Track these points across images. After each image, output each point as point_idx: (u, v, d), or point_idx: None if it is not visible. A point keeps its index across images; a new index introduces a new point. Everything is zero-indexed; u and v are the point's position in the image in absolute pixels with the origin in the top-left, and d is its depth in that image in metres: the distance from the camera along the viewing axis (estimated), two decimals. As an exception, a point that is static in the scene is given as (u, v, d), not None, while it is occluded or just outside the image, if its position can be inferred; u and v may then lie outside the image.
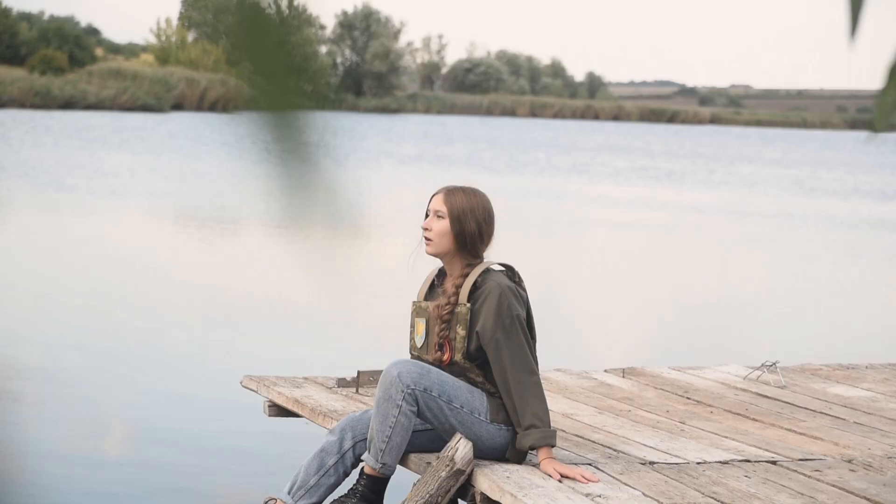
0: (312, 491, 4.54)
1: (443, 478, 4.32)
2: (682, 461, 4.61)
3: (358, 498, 4.48)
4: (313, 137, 0.83)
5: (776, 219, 26.00)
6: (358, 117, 74.46)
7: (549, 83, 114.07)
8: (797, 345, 11.99)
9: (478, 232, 4.50)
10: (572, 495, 4.10)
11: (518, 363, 4.37)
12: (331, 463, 4.54)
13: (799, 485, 4.37)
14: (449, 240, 4.50)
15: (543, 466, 4.32)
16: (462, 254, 4.51)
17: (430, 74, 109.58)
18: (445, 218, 4.51)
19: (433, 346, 4.52)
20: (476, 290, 4.45)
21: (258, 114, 0.81)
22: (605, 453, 4.68)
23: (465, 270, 4.50)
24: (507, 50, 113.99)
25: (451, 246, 4.50)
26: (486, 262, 4.53)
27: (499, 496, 4.20)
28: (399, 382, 4.38)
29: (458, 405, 4.43)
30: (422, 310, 4.58)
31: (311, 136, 0.83)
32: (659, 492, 4.19)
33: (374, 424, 4.43)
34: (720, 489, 4.26)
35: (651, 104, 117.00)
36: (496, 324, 4.38)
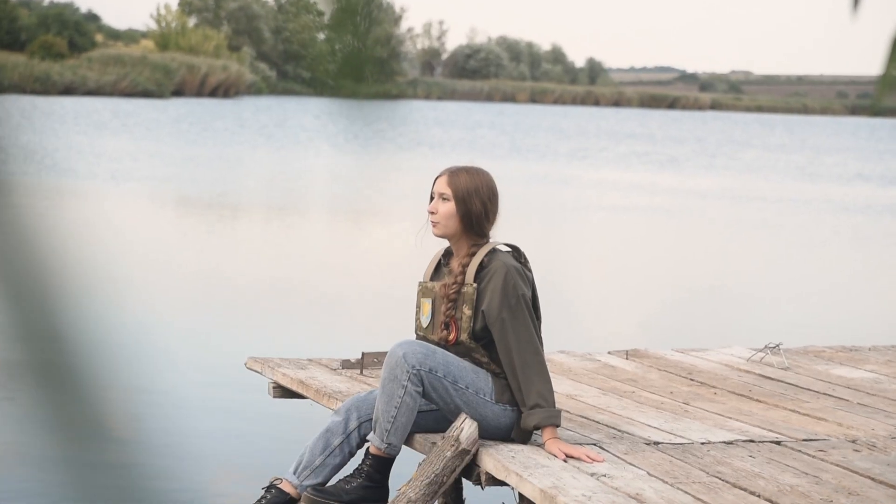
0: (318, 471, 4.55)
1: (448, 458, 4.33)
2: (686, 441, 4.62)
3: (363, 478, 4.49)
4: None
5: (778, 203, 26.00)
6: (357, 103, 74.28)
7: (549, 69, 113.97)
8: (801, 327, 12.00)
9: (483, 211, 4.50)
10: (577, 475, 4.11)
11: (523, 343, 4.38)
12: (336, 443, 4.55)
13: (803, 464, 4.38)
14: (455, 221, 4.51)
15: (548, 446, 4.33)
16: (468, 234, 4.52)
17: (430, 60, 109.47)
18: (451, 200, 4.51)
19: (439, 326, 4.53)
20: (482, 270, 4.46)
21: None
22: (609, 434, 4.69)
23: (471, 250, 4.51)
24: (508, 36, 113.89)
25: (457, 227, 4.51)
26: (492, 242, 4.54)
27: (504, 476, 4.21)
28: (404, 363, 4.39)
29: (463, 385, 4.44)
30: (428, 290, 4.59)
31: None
32: (663, 471, 4.20)
33: (379, 405, 4.44)
34: (724, 469, 4.27)
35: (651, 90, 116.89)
36: (502, 303, 4.38)
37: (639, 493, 3.94)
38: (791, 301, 14.22)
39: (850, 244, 20.29)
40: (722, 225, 21.76)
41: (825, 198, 27.90)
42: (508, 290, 4.39)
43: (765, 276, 16.30)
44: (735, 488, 4.06)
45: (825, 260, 18.38)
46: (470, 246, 4.53)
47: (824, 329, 12.01)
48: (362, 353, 5.61)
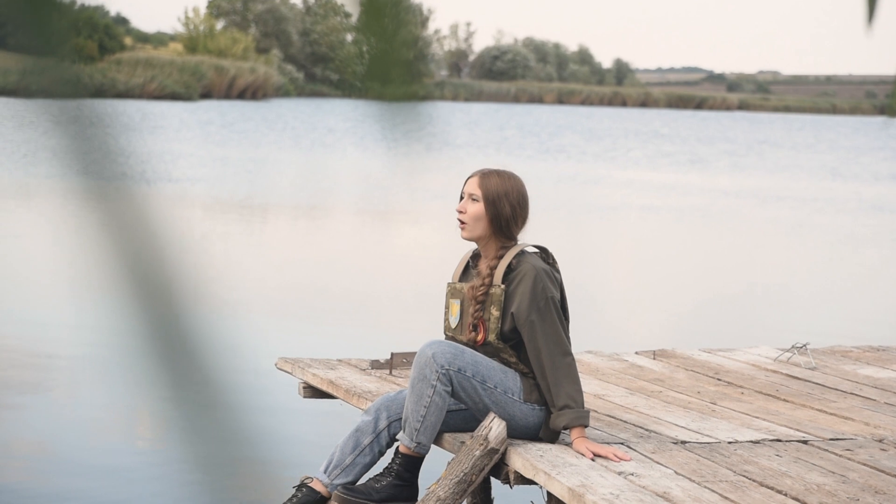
0: (348, 470, 4.60)
1: (477, 457, 4.38)
2: (713, 441, 4.65)
3: (393, 476, 4.54)
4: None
5: (807, 203, 25.93)
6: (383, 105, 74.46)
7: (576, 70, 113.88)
8: (828, 327, 11.99)
9: (512, 215, 4.54)
10: (605, 473, 4.15)
11: (552, 344, 4.42)
12: (366, 442, 4.60)
13: (830, 464, 4.40)
14: (484, 223, 4.54)
15: (576, 445, 4.37)
16: (497, 236, 4.56)
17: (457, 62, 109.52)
18: (480, 201, 4.55)
19: (467, 327, 4.57)
20: (511, 272, 4.50)
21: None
22: (636, 433, 4.73)
23: (499, 252, 4.55)
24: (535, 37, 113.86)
25: (486, 229, 4.55)
26: (520, 244, 4.58)
27: (532, 475, 4.25)
28: (434, 363, 4.44)
29: (491, 385, 4.49)
30: (456, 291, 4.63)
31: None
32: (691, 470, 4.24)
33: (408, 404, 4.48)
34: (751, 468, 4.30)
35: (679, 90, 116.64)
36: (531, 306, 4.42)
37: (666, 491, 3.98)
38: (819, 300, 14.21)
39: (878, 244, 20.23)
40: (750, 225, 21.73)
41: (854, 197, 27.82)
42: (537, 292, 4.43)
43: (793, 276, 16.28)
44: (762, 487, 4.09)
45: (853, 260, 18.33)
46: (498, 248, 4.57)
47: (852, 329, 12.00)
48: (391, 354, 5.66)
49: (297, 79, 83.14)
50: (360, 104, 68.61)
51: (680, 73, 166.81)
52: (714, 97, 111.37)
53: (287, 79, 79.17)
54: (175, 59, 66.69)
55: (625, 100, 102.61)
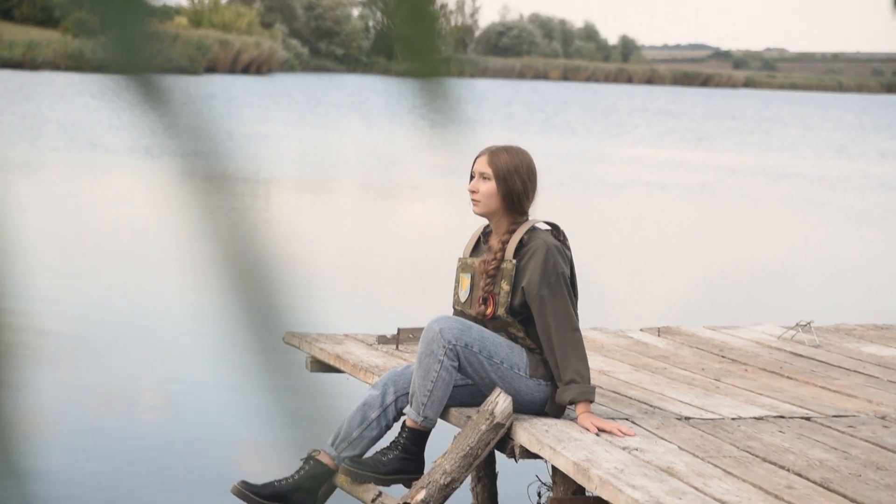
0: (355, 443, 4.65)
1: (483, 431, 4.42)
2: (717, 417, 4.70)
3: (400, 450, 4.59)
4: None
5: (813, 181, 25.94)
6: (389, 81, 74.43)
7: (581, 46, 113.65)
8: (832, 305, 12.03)
9: (524, 190, 4.58)
10: (610, 448, 4.19)
11: (561, 320, 4.46)
12: (373, 416, 4.65)
13: (832, 440, 4.44)
14: (496, 200, 4.58)
15: (581, 420, 4.41)
16: (509, 212, 4.60)
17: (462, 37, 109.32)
18: (491, 179, 4.59)
19: (477, 301, 4.61)
20: (522, 248, 4.55)
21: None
22: (641, 409, 4.77)
23: (511, 227, 4.59)
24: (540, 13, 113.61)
25: (498, 205, 4.59)
26: (532, 220, 4.62)
27: (538, 449, 4.29)
28: (441, 338, 4.48)
29: (498, 360, 4.53)
30: (467, 265, 4.68)
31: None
32: (694, 445, 4.28)
33: (415, 379, 4.52)
34: (755, 444, 4.34)
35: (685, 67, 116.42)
36: (542, 281, 4.46)
37: (670, 466, 4.02)
38: (824, 279, 14.24)
39: (884, 222, 20.25)
40: (756, 202, 21.74)
41: (860, 175, 27.81)
42: (548, 267, 4.47)
43: (798, 254, 16.31)
44: (765, 462, 4.13)
45: (858, 238, 18.36)
46: (510, 223, 4.61)
47: (856, 307, 12.03)
48: (398, 329, 5.70)
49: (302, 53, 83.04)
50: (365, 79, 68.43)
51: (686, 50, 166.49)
52: (720, 74, 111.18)
53: (292, 53, 79.09)
54: (180, 32, 66.59)
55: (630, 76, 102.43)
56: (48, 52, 58.30)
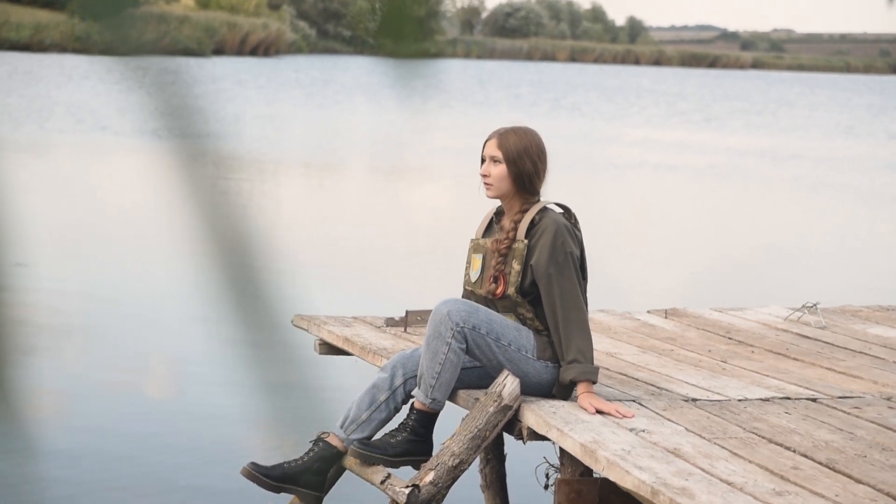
0: (364, 425, 4.68)
1: (490, 413, 4.45)
2: (723, 398, 4.72)
3: (408, 432, 4.62)
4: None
5: (821, 162, 25.92)
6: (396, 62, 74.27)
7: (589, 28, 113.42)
8: (838, 287, 12.05)
9: (534, 170, 4.62)
10: (617, 430, 4.22)
11: (567, 299, 4.49)
12: (382, 398, 4.68)
13: (838, 421, 4.47)
14: (508, 182, 4.63)
15: (580, 401, 4.44)
16: (520, 193, 4.64)
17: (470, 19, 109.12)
18: (502, 162, 4.63)
19: (488, 280, 4.64)
20: (533, 227, 4.58)
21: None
22: (648, 390, 4.80)
23: (523, 208, 4.63)
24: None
25: (510, 188, 4.63)
26: (543, 201, 4.66)
27: (545, 431, 4.32)
28: (449, 321, 4.51)
29: (505, 343, 4.56)
30: (479, 246, 4.72)
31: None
32: (701, 427, 4.31)
33: (424, 361, 4.55)
34: (761, 425, 4.37)
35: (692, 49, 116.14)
36: (550, 259, 4.50)
37: (676, 447, 4.05)
38: (830, 260, 14.25)
39: (891, 203, 20.24)
40: (763, 184, 21.73)
41: (868, 156, 27.78)
42: (557, 246, 4.51)
43: (806, 235, 16.32)
44: (771, 444, 4.16)
45: (866, 219, 18.35)
46: (522, 204, 4.65)
47: (862, 288, 12.05)
48: (406, 311, 5.73)
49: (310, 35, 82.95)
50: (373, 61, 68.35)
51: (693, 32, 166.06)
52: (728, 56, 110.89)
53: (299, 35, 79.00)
54: (188, 14, 66.54)
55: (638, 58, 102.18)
56: (55, 34, 58.29)
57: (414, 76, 0.91)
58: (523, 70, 73.54)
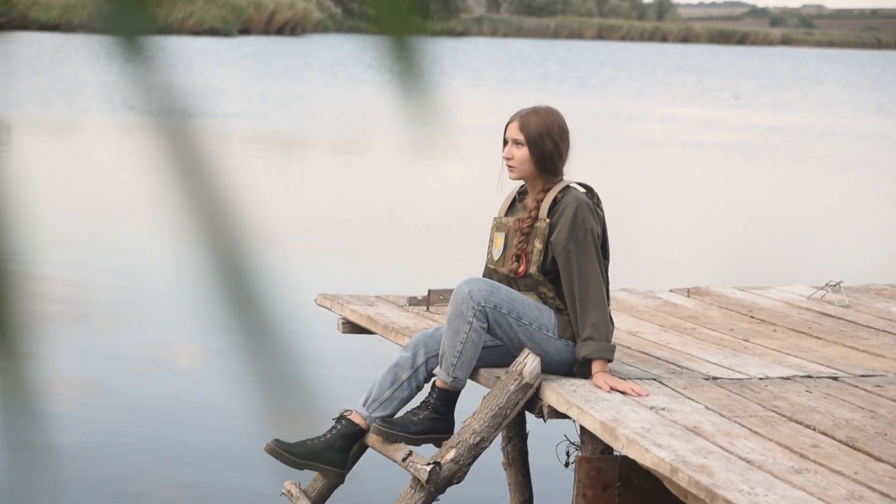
0: (386, 403, 4.71)
1: (511, 391, 4.48)
2: (744, 377, 4.73)
3: (430, 410, 4.65)
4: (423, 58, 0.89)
5: (849, 139, 25.78)
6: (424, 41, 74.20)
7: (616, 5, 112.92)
8: (862, 265, 12.00)
9: (556, 150, 4.63)
10: (636, 408, 4.24)
11: (586, 276, 4.50)
12: (404, 377, 4.71)
13: (859, 399, 4.47)
14: (530, 164, 4.65)
15: (595, 379, 4.46)
16: (543, 173, 4.66)
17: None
18: (524, 145, 4.64)
19: (510, 258, 4.67)
20: (555, 206, 4.60)
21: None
22: (668, 369, 4.81)
23: (546, 187, 4.65)
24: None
25: (532, 169, 4.65)
26: (566, 180, 4.67)
27: (565, 409, 4.34)
28: (470, 300, 4.53)
29: (526, 322, 4.58)
30: (502, 224, 4.74)
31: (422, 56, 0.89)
32: (721, 405, 4.32)
33: (445, 340, 4.58)
34: (781, 403, 4.38)
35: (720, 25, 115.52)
36: (570, 236, 4.51)
37: (696, 425, 4.07)
38: (854, 238, 14.19)
39: (919, 182, 20.13)
40: (792, 161, 21.64)
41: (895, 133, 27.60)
42: (577, 223, 4.52)
43: (833, 214, 16.26)
44: (791, 422, 4.17)
45: (890, 196, 18.27)
46: (544, 183, 4.67)
47: (886, 266, 12.00)
48: (428, 290, 5.75)
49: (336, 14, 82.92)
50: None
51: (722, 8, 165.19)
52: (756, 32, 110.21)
53: (326, 14, 78.97)
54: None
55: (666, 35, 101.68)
56: (84, 14, 58.44)
57: (406, 55, 0.91)
58: (550, 48, 73.33)
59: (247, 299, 0.82)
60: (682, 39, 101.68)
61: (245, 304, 0.82)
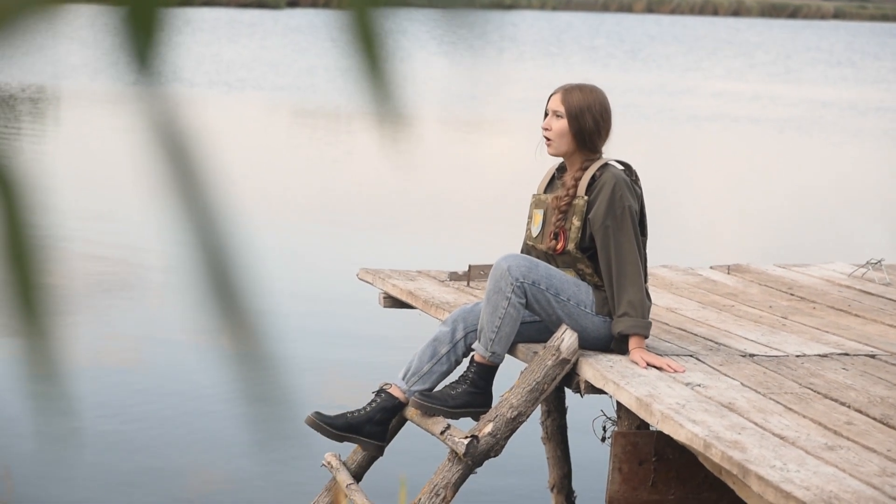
0: (425, 377, 4.78)
1: (549, 366, 4.52)
2: (781, 354, 4.76)
3: (468, 384, 4.71)
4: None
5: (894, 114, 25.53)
6: (474, 13, 73.98)
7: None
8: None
9: (595, 128, 4.66)
10: (672, 384, 4.28)
11: (624, 252, 4.54)
12: (443, 351, 4.77)
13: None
14: (569, 138, 4.67)
15: (632, 355, 4.50)
16: (581, 150, 4.69)
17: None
18: (564, 117, 4.67)
19: (548, 235, 4.71)
20: (593, 183, 4.63)
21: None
22: (706, 346, 4.84)
23: (584, 165, 4.68)
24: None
25: (571, 144, 4.68)
26: (604, 157, 4.70)
27: (602, 384, 4.39)
28: (509, 276, 4.58)
29: (564, 298, 4.62)
30: (541, 201, 4.78)
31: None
32: (757, 382, 4.35)
33: (484, 315, 4.63)
34: (817, 380, 4.40)
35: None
36: (608, 212, 4.55)
37: (731, 402, 4.10)
38: None
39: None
40: (846, 136, 21.48)
41: (948, 110, 27.32)
42: (615, 200, 4.55)
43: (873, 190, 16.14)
44: (826, 399, 4.19)
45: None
46: (583, 161, 4.70)
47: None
48: (469, 266, 5.81)
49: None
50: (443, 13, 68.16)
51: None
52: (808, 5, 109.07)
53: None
54: (264, -33, 66.66)
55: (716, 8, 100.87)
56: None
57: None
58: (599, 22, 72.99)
59: (227, 293, 0.84)
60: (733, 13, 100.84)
61: (225, 297, 0.84)
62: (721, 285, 6.11)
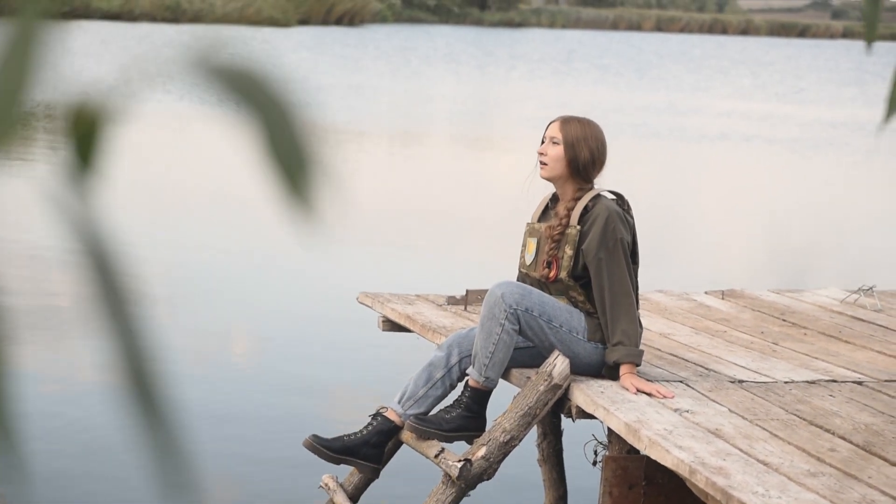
0: (421, 401, 4.88)
1: (541, 391, 4.63)
2: (770, 380, 4.85)
3: (462, 408, 4.81)
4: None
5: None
6: (482, 31, 74.28)
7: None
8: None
9: (591, 160, 4.78)
10: (661, 410, 4.37)
11: (616, 284, 4.65)
12: (438, 376, 4.88)
13: (882, 404, 4.58)
14: (563, 165, 4.79)
15: (622, 381, 4.61)
16: (574, 178, 4.80)
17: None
18: (560, 144, 4.79)
19: (541, 264, 4.82)
20: (586, 214, 4.74)
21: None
22: (696, 371, 4.94)
23: (576, 195, 4.79)
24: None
25: (564, 171, 4.79)
26: (597, 188, 4.81)
27: (592, 409, 4.49)
28: (502, 302, 4.69)
29: (557, 324, 4.72)
30: (534, 230, 4.89)
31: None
32: (744, 408, 4.44)
33: (478, 341, 4.74)
34: (804, 407, 4.50)
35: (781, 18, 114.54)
36: (601, 244, 4.66)
37: (718, 428, 4.20)
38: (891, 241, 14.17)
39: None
40: (856, 157, 21.54)
41: (954, 131, 27.37)
42: (608, 232, 4.66)
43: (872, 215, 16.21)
44: (811, 426, 4.29)
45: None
46: (575, 190, 4.81)
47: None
48: (466, 290, 5.91)
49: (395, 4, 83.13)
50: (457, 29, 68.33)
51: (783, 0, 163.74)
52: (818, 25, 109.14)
53: (385, 4, 79.22)
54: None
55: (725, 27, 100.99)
56: (146, 3, 59.04)
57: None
58: (608, 40, 73.15)
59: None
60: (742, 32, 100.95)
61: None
62: (715, 310, 6.20)
